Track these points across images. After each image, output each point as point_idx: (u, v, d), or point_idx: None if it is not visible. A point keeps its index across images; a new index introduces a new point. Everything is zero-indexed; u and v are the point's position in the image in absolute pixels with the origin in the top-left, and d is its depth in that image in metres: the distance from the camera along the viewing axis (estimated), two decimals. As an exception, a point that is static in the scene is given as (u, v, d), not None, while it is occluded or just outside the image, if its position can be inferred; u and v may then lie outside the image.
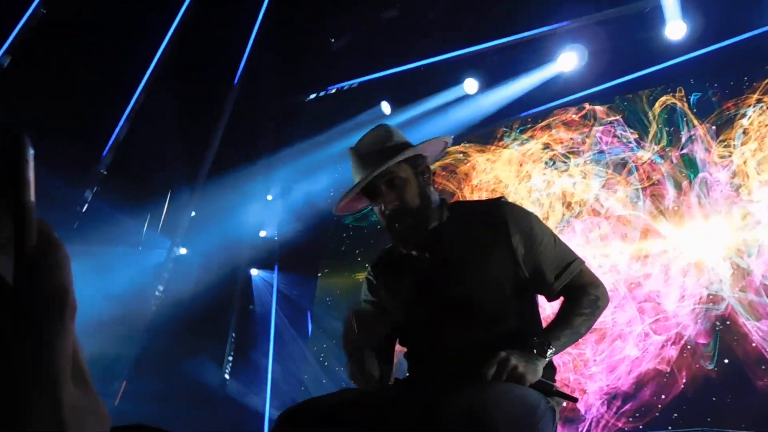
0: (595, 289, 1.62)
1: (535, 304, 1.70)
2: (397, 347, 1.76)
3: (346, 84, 6.02)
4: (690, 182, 4.69)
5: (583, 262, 1.66)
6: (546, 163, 5.25)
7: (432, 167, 1.80)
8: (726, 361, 4.12)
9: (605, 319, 4.61)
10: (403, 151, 1.67)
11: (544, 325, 1.67)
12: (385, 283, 1.79)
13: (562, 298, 1.67)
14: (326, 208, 6.03)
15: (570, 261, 1.65)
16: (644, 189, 4.87)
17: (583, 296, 1.60)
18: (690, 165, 4.74)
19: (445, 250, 1.65)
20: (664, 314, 4.60)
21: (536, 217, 1.70)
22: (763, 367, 4.03)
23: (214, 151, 6.18)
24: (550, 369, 1.57)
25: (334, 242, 6.15)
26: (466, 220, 1.70)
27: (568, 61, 5.15)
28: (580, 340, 1.71)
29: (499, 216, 1.64)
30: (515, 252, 1.62)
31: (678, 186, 4.75)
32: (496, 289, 1.60)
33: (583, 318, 1.56)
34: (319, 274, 6.13)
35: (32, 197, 0.52)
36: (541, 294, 1.69)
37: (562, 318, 1.58)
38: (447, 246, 1.66)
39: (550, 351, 1.47)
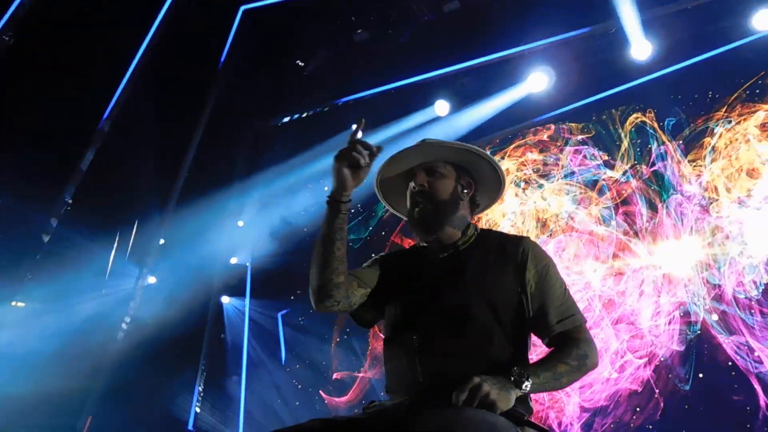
0: (587, 347, 1.64)
1: (526, 340, 1.73)
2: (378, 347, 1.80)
3: (318, 108, 6.07)
4: (661, 199, 4.74)
5: (585, 321, 1.70)
6: (517, 184, 5.26)
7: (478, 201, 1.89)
8: (700, 375, 4.12)
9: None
10: (447, 150, 1.79)
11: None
12: (390, 268, 1.83)
13: (551, 349, 1.70)
14: (300, 232, 6.08)
15: (573, 313, 1.69)
16: (616, 207, 4.90)
17: (573, 349, 1.62)
18: (661, 182, 4.79)
19: (461, 262, 1.71)
20: (638, 332, 4.59)
21: (555, 264, 1.75)
22: (735, 383, 4.01)
23: (184, 175, 6.11)
24: (525, 405, 1.58)
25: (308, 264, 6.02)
26: (488, 243, 1.77)
27: (537, 81, 5.22)
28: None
29: (521, 248, 1.71)
30: (526, 285, 1.67)
31: (650, 203, 4.79)
32: (495, 310, 1.63)
33: (567, 368, 1.57)
34: (292, 297, 6.04)
35: None
36: (536, 333, 1.73)
37: (547, 361, 1.61)
38: (463, 260, 1.72)
39: (526, 384, 1.48)
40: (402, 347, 1.68)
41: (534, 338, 1.77)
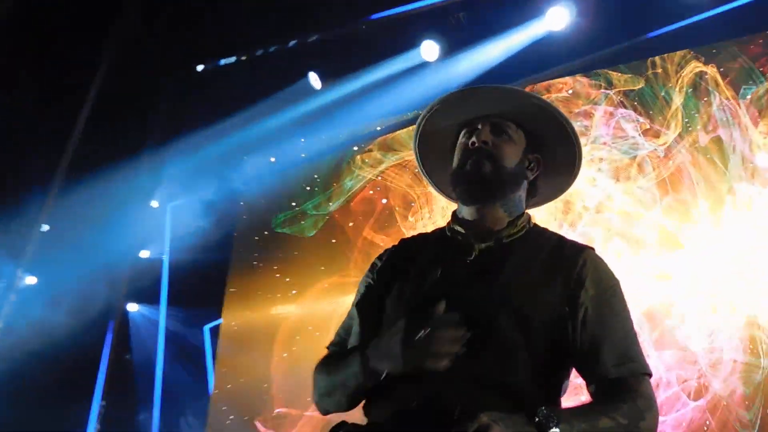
0: (645, 405, 1.35)
1: (562, 377, 1.47)
2: None
3: (261, 50, 4.89)
4: (724, 179, 3.79)
5: (650, 373, 1.42)
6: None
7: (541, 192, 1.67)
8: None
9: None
10: (535, 108, 1.59)
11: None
12: (398, 264, 1.58)
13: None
14: (238, 216, 5.27)
15: (637, 359, 1.41)
16: (661, 187, 3.95)
17: (627, 402, 1.33)
18: (723, 154, 3.83)
19: (499, 259, 1.49)
20: (686, 356, 3.70)
21: (622, 290, 1.50)
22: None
23: (76, 140, 5.06)
24: None
25: (244, 255, 5.14)
26: (541, 243, 1.54)
27: (558, 18, 4.22)
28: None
29: (582, 260, 1.48)
30: (578, 308, 1.43)
31: (707, 183, 3.85)
32: (528, 330, 1.40)
33: (612, 425, 1.28)
34: (224, 305, 5.11)
35: None
36: (582, 373, 1.45)
37: (587, 410, 1.34)
38: (503, 256, 1.49)
39: (553, 431, 1.21)
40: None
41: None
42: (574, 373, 1.50)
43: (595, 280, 1.46)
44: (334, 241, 4.83)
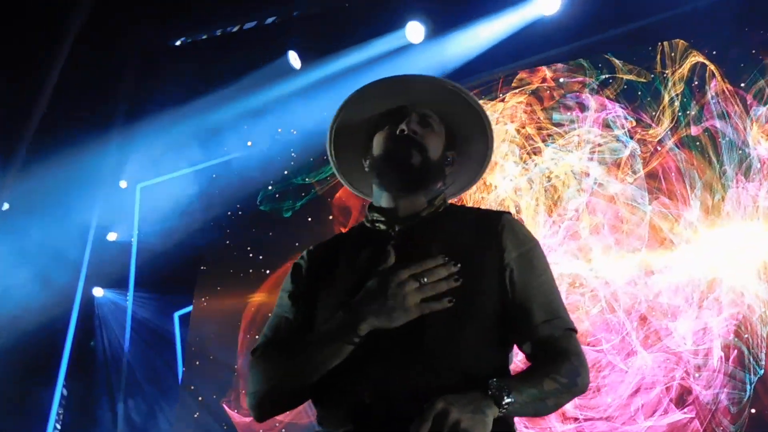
0: (579, 362, 1.41)
1: (507, 346, 1.49)
2: None
3: (235, 26, 4.66)
4: (716, 173, 3.70)
5: (576, 330, 1.48)
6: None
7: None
8: (753, 411, 3.23)
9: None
10: (457, 99, 1.59)
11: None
12: (321, 268, 1.56)
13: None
14: (211, 196, 5.07)
15: (563, 314, 1.46)
16: (651, 180, 3.85)
17: (564, 362, 1.38)
18: (716, 147, 3.73)
19: (421, 236, 1.50)
20: (672, 357, 3.58)
21: (541, 248, 1.55)
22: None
23: (38, 116, 4.75)
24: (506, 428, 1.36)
25: (216, 232, 5.03)
26: (458, 218, 1.58)
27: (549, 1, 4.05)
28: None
29: (500, 224, 1.51)
30: (505, 270, 1.47)
31: (699, 176, 3.75)
32: (466, 303, 1.41)
33: (556, 386, 1.33)
34: (195, 288, 4.97)
35: None
36: (515, 336, 1.47)
37: (531, 374, 1.37)
38: (425, 233, 1.50)
39: (507, 401, 1.25)
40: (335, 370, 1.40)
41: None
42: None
43: (514, 242, 1.50)
44: (309, 219, 4.72)
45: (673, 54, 3.92)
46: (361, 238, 1.60)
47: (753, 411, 3.30)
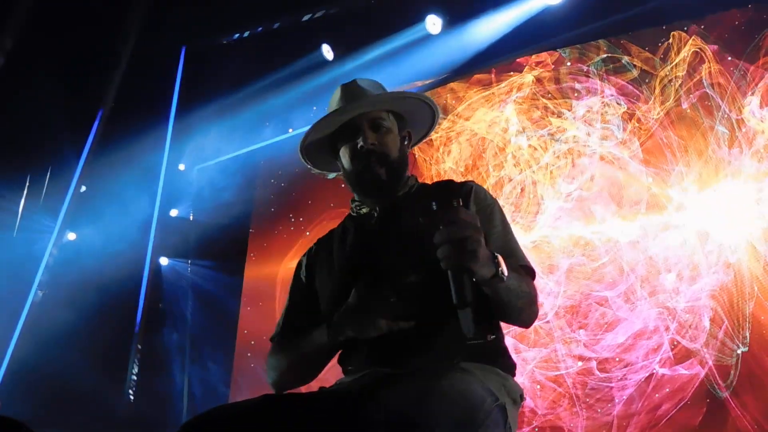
0: (536, 294, 1.54)
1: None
2: None
3: (277, 23, 5.07)
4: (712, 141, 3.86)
5: (532, 268, 1.60)
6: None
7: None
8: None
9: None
10: (394, 99, 1.71)
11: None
12: (319, 258, 1.75)
13: None
14: (253, 178, 5.40)
15: (519, 254, 1.60)
16: (648, 150, 4.05)
17: (530, 281, 1.53)
18: (707, 113, 3.90)
19: (398, 214, 1.66)
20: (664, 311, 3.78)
21: (501, 208, 1.69)
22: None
23: (108, 109, 5.32)
24: (506, 359, 1.55)
25: (262, 203, 5.31)
26: (430, 192, 1.72)
27: None
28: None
29: (464, 190, 1.66)
30: None
31: (694, 148, 3.92)
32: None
33: (528, 290, 1.47)
34: (249, 258, 5.26)
35: None
36: None
37: (515, 272, 1.46)
38: (402, 211, 1.66)
39: (503, 269, 1.33)
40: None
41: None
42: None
43: (476, 201, 1.64)
44: (343, 186, 5.01)
45: (671, 41, 4.10)
46: (349, 224, 1.76)
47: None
